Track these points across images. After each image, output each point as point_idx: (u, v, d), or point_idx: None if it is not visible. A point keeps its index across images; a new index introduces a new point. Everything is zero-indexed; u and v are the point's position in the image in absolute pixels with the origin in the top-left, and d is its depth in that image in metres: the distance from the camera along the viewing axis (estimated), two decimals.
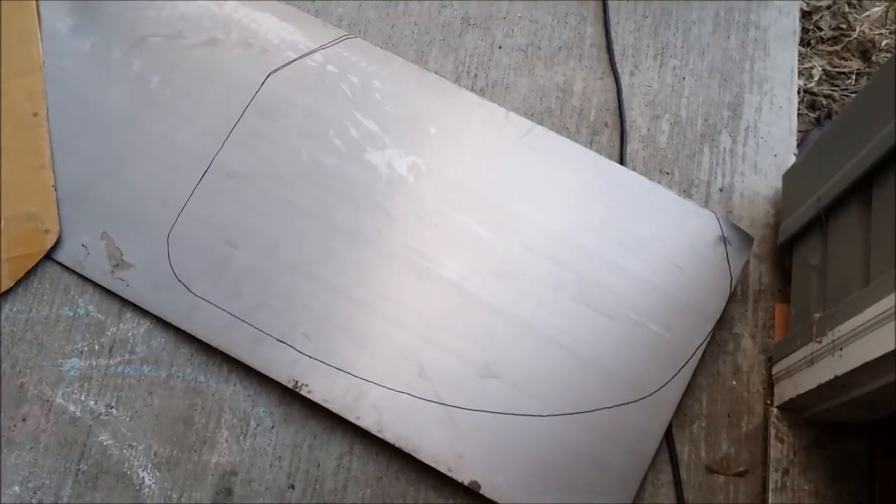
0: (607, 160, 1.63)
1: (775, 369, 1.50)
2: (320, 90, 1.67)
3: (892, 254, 1.17)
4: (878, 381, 1.20)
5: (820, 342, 1.31)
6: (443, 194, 1.60)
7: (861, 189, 1.30)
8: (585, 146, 1.66)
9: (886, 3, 1.89)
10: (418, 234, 1.58)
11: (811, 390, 1.33)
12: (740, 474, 1.47)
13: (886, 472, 1.40)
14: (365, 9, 1.81)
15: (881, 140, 1.22)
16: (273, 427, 1.50)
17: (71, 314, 1.57)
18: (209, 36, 1.72)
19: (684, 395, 1.48)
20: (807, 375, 1.35)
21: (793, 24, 1.78)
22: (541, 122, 1.68)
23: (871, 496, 1.40)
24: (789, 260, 1.56)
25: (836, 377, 1.24)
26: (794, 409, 1.45)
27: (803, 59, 1.84)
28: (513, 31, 1.79)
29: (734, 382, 1.53)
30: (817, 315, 1.34)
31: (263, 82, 1.68)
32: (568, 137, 1.66)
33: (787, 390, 1.43)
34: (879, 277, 1.18)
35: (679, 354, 1.49)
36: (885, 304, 1.13)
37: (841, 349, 1.24)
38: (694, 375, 1.50)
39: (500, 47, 1.78)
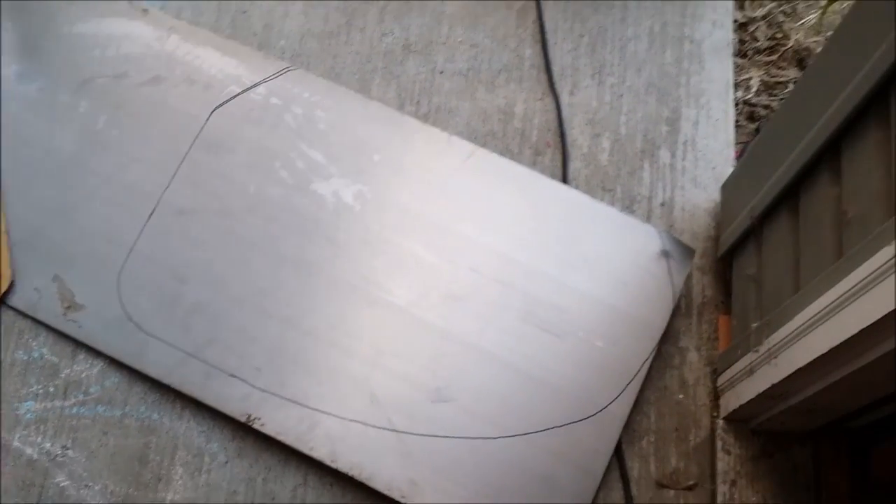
0: (550, 179, 1.65)
1: (720, 381, 1.51)
2: (265, 123, 1.69)
3: (818, 260, 1.19)
4: (813, 388, 1.21)
5: (757, 351, 1.32)
6: (389, 221, 1.62)
7: (790, 197, 1.32)
8: (528, 167, 1.68)
9: (820, 11, 1.92)
10: (366, 261, 1.59)
11: (752, 400, 1.34)
12: (690, 488, 1.48)
13: (832, 478, 1.41)
14: (307, 40, 1.83)
15: (805, 147, 1.24)
16: (227, 462, 1.51)
17: (25, 358, 1.58)
18: (154, 74, 1.73)
19: (633, 410, 1.50)
20: (747, 385, 1.36)
21: (727, 36, 1.81)
22: (484, 145, 1.70)
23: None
24: (730, 271, 1.58)
25: (773, 385, 1.25)
26: (740, 420, 1.46)
27: (741, 70, 1.87)
28: (453, 56, 1.81)
29: (681, 396, 1.54)
30: (755, 325, 1.35)
31: (208, 118, 1.69)
32: (511, 159, 1.67)
33: (731, 401, 1.44)
34: (807, 284, 1.19)
35: (626, 370, 1.51)
36: (811, 310, 1.15)
37: (776, 357, 1.25)
38: (641, 390, 1.51)
39: (441, 73, 1.80)
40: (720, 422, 1.47)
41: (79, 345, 1.58)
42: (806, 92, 1.29)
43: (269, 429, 1.49)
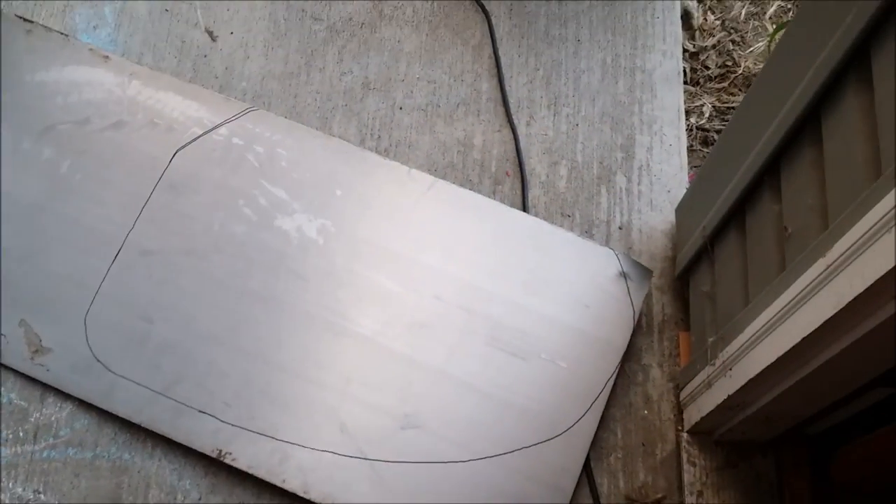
0: (510, 208, 1.69)
1: (682, 395, 1.55)
2: (227, 162, 1.72)
3: (764, 275, 1.24)
4: (766, 397, 1.25)
5: (714, 364, 1.36)
6: (352, 253, 1.64)
7: (737, 216, 1.37)
8: (488, 196, 1.72)
9: (768, 39, 1.99)
10: (331, 293, 1.61)
11: (712, 412, 1.38)
12: (658, 501, 1.50)
13: (795, 484, 1.44)
14: (268, 81, 1.87)
15: (748, 167, 1.29)
16: (200, 498, 1.51)
17: None
18: (116, 119, 1.75)
19: (599, 428, 1.52)
20: (707, 398, 1.40)
21: (676, 65, 1.87)
22: (444, 177, 1.74)
23: None
24: (687, 289, 1.62)
25: (729, 396, 1.29)
26: (703, 433, 1.50)
27: (694, 97, 1.94)
28: (412, 92, 1.86)
29: (646, 412, 1.57)
30: (711, 339, 1.39)
31: (171, 159, 1.71)
32: (471, 189, 1.71)
33: (693, 414, 1.48)
34: (755, 298, 1.24)
35: (591, 389, 1.54)
36: (759, 322, 1.19)
37: (730, 369, 1.29)
38: (607, 408, 1.54)
39: (400, 108, 1.84)
40: (685, 435, 1.51)
41: (47, 388, 1.58)
42: (747, 115, 1.34)
43: (241, 463, 1.49)
